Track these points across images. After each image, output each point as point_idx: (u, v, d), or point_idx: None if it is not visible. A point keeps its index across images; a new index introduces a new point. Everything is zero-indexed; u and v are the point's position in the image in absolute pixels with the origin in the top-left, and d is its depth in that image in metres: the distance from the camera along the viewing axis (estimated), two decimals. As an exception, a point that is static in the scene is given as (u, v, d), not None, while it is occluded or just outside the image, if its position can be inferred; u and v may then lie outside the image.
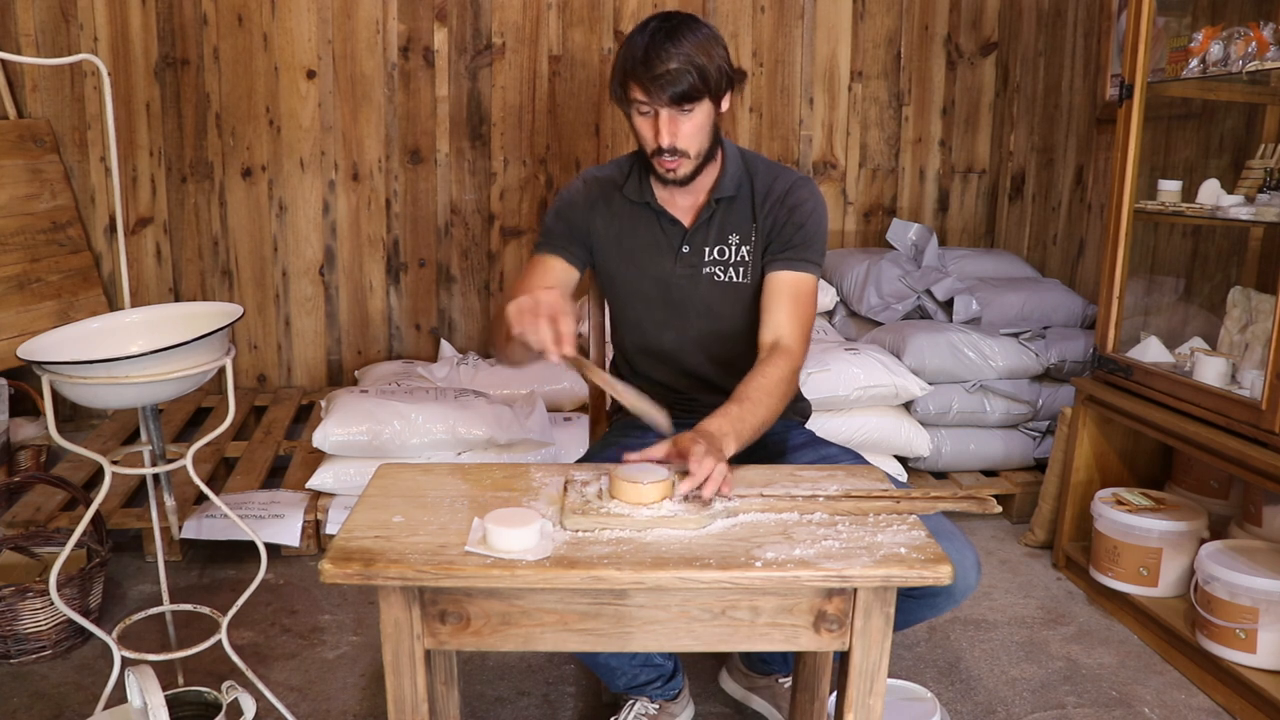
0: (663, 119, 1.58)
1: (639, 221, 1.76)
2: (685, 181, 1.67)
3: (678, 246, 1.74)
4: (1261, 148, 2.41)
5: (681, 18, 1.60)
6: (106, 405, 1.52)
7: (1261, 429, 2.00)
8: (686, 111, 1.58)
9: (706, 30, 1.60)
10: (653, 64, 1.54)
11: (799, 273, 1.69)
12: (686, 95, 1.56)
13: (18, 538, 2.33)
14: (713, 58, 1.58)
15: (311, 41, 3.52)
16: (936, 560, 1.17)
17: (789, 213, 1.70)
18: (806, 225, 1.70)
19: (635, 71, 1.57)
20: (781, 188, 1.72)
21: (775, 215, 1.71)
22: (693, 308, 1.76)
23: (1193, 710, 2.02)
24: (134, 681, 1.50)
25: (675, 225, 1.74)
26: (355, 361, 3.73)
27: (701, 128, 1.61)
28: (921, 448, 2.95)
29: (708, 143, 1.65)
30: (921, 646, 2.24)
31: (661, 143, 1.60)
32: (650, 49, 1.55)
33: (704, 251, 1.73)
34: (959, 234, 3.91)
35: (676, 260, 1.74)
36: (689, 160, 1.63)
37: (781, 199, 1.71)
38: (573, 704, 2.01)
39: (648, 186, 1.73)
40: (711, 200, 1.71)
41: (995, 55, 3.78)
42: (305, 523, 2.61)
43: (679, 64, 1.54)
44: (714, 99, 1.61)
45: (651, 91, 1.56)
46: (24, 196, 3.28)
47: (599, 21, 3.61)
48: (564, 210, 1.78)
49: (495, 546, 1.17)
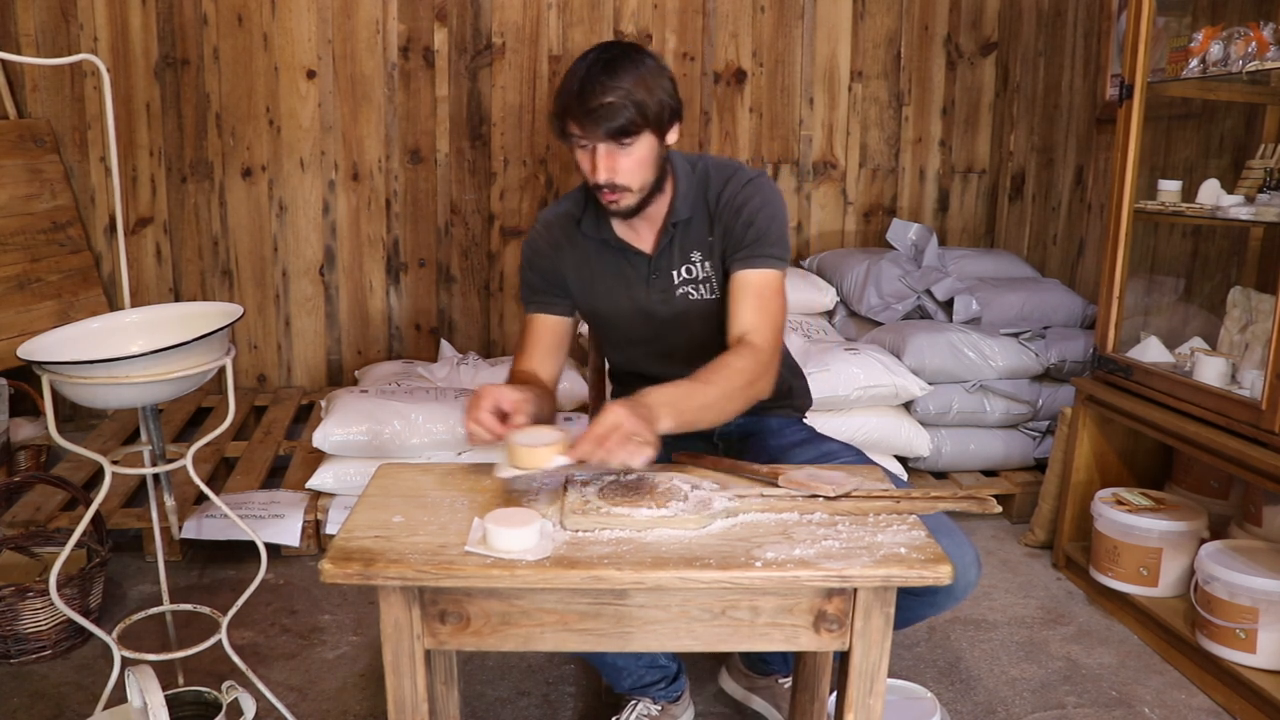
0: (600, 154, 1.54)
1: (604, 257, 1.73)
2: (630, 214, 1.63)
3: (646, 276, 1.71)
4: (1261, 148, 2.41)
5: (622, 49, 1.56)
6: (106, 405, 1.52)
7: (1261, 429, 2.00)
8: (625, 146, 1.54)
9: (649, 62, 1.55)
10: (587, 99, 1.50)
11: (758, 269, 1.63)
12: (624, 130, 1.52)
13: (18, 538, 2.33)
14: (653, 91, 1.53)
15: (311, 41, 3.52)
16: (936, 560, 1.17)
17: (736, 214, 1.66)
18: (757, 221, 1.64)
19: (570, 106, 1.53)
20: (731, 192, 1.67)
21: (726, 221, 1.67)
22: (676, 330, 1.73)
23: (1193, 710, 2.02)
24: (134, 681, 1.50)
25: (639, 256, 1.71)
26: (355, 361, 3.73)
27: (642, 162, 1.57)
28: (921, 448, 2.95)
29: (651, 175, 1.60)
30: (921, 646, 2.24)
31: (599, 179, 1.56)
32: (586, 83, 1.51)
33: (672, 276, 1.70)
34: (959, 234, 3.91)
35: (649, 289, 1.71)
36: (631, 194, 1.59)
37: (729, 203, 1.67)
38: (573, 704, 2.01)
39: (605, 223, 1.69)
40: (668, 225, 1.68)
41: (995, 55, 3.78)
42: (305, 523, 2.61)
43: (615, 98, 1.50)
44: (656, 132, 1.56)
45: (587, 126, 1.52)
46: (24, 196, 3.28)
47: (599, 21, 3.61)
48: (533, 261, 1.75)
49: (495, 546, 1.18)
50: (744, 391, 1.49)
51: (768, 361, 1.55)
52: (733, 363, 1.50)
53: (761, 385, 1.53)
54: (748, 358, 1.52)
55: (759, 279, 1.63)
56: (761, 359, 1.54)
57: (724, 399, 1.46)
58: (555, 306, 1.75)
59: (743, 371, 1.50)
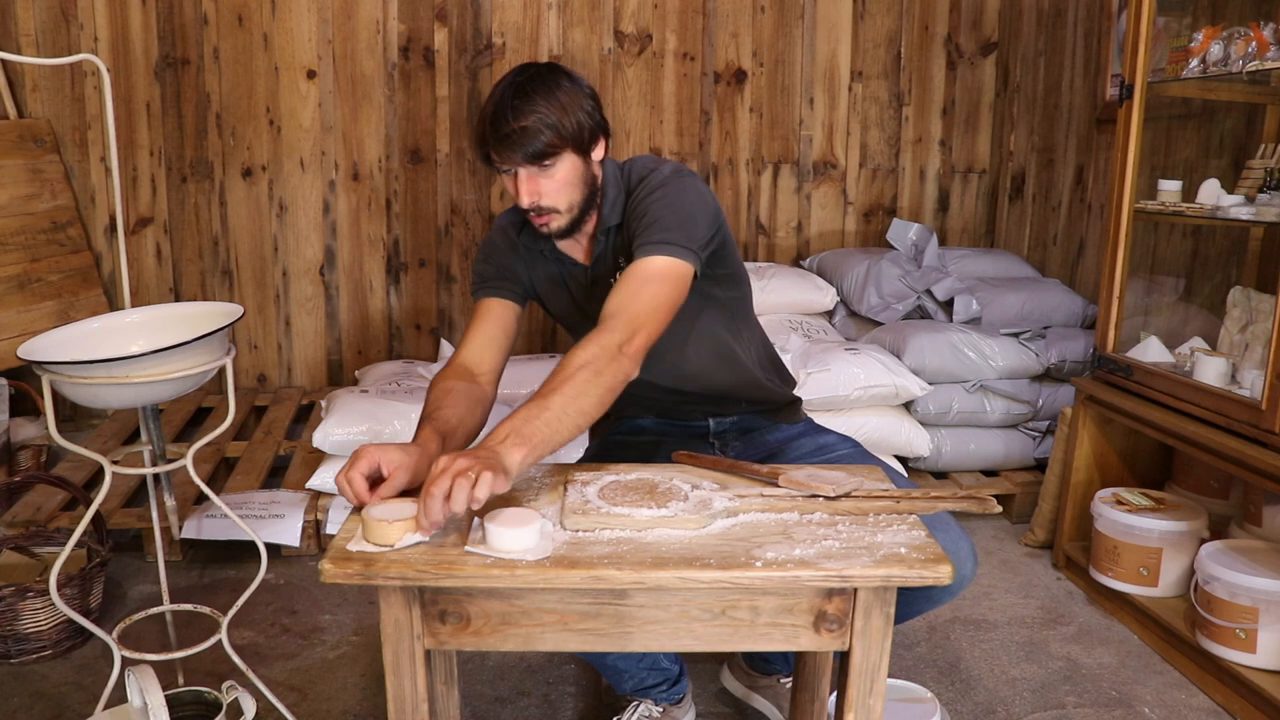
0: (522, 178, 1.54)
1: (549, 267, 1.72)
2: (563, 235, 1.62)
3: (588, 284, 1.70)
4: (1261, 148, 2.41)
5: (536, 70, 1.54)
6: (106, 405, 1.52)
7: (1261, 429, 2.00)
8: (546, 168, 1.52)
9: (565, 83, 1.54)
10: (500, 125, 1.49)
11: (642, 257, 1.52)
12: (541, 154, 1.50)
13: (18, 538, 2.33)
14: (569, 110, 1.51)
15: (311, 41, 3.52)
16: (937, 560, 1.17)
17: (634, 207, 1.62)
18: (650, 210, 1.57)
19: (486, 134, 1.52)
20: (641, 193, 1.62)
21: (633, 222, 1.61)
22: None
23: (1193, 710, 2.02)
24: (134, 681, 1.50)
25: (577, 267, 1.71)
26: (355, 361, 3.73)
27: (567, 182, 1.55)
28: (922, 448, 2.95)
29: (580, 195, 1.58)
30: (921, 646, 2.24)
31: (524, 203, 1.55)
32: (499, 109, 1.50)
33: (609, 282, 1.65)
34: (959, 234, 3.91)
35: (589, 297, 1.69)
36: (559, 214, 1.58)
37: (637, 203, 1.62)
38: (573, 704, 2.01)
39: (542, 235, 1.66)
40: (599, 234, 1.66)
41: (995, 55, 3.78)
42: (305, 523, 2.61)
43: (530, 122, 1.48)
44: (577, 151, 1.55)
45: (504, 152, 1.51)
46: (24, 196, 3.28)
47: (599, 21, 3.61)
48: (491, 255, 1.73)
49: (495, 546, 1.17)
50: (594, 382, 1.37)
51: (618, 341, 1.41)
52: (571, 362, 1.38)
53: (616, 367, 1.40)
54: (590, 348, 1.39)
55: (639, 266, 1.51)
56: (609, 340, 1.41)
57: (571, 402, 1.34)
58: (504, 291, 1.70)
59: (585, 365, 1.37)
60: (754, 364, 1.80)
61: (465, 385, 1.56)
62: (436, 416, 1.46)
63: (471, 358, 1.62)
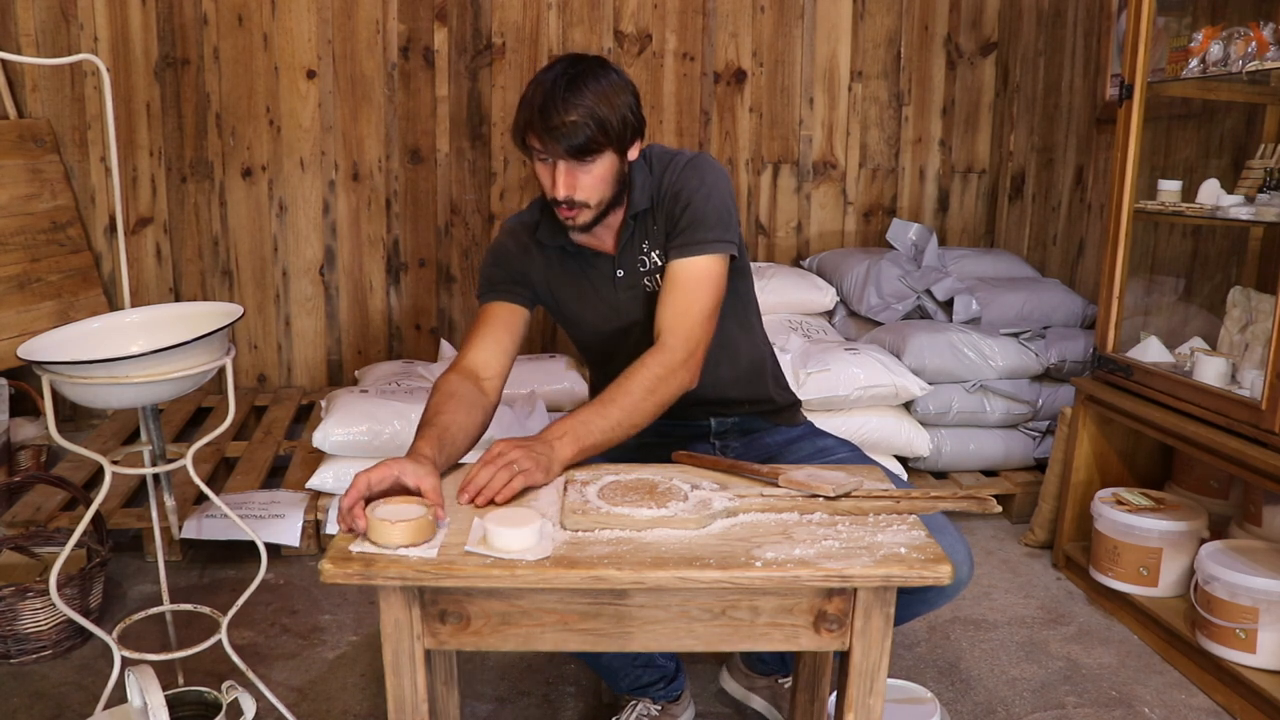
0: (560, 170, 1.53)
1: (568, 263, 1.71)
2: (585, 230, 1.62)
3: (612, 274, 1.69)
4: (1261, 148, 2.41)
5: (587, 64, 1.54)
6: (106, 405, 1.52)
7: (1261, 429, 2.00)
8: (586, 163, 1.53)
9: (614, 78, 1.54)
10: (549, 115, 1.49)
11: (686, 258, 1.60)
12: (585, 149, 1.51)
13: (18, 538, 2.33)
14: (615, 108, 1.52)
15: (311, 41, 3.52)
16: (936, 560, 1.17)
17: (674, 200, 1.63)
18: (693, 204, 1.61)
19: (533, 121, 1.52)
20: (670, 179, 1.65)
21: (668, 210, 1.64)
22: (640, 326, 1.70)
23: (1193, 710, 2.02)
24: (134, 681, 1.50)
25: (601, 256, 1.70)
26: (355, 361, 3.73)
27: (602, 179, 1.56)
28: (921, 448, 2.95)
29: (610, 192, 1.59)
30: (921, 646, 2.24)
31: (558, 194, 1.55)
32: (549, 99, 1.49)
33: (636, 269, 1.68)
34: (959, 234, 3.91)
35: (616, 287, 1.69)
36: (588, 210, 1.58)
37: (669, 190, 1.64)
38: (573, 704, 2.01)
39: (562, 230, 1.67)
40: (629, 219, 1.66)
41: (995, 55, 3.78)
42: (305, 523, 2.61)
43: (578, 116, 1.49)
44: (617, 150, 1.55)
45: (548, 142, 1.51)
46: (24, 196, 3.28)
47: (599, 22, 3.61)
48: (500, 259, 1.72)
49: (495, 546, 1.17)
50: (651, 397, 1.50)
51: (682, 359, 1.54)
52: (636, 373, 1.51)
53: (675, 381, 1.53)
54: (653, 364, 1.52)
55: (686, 270, 1.60)
56: (672, 359, 1.53)
57: (629, 414, 1.48)
58: (514, 296, 1.70)
59: (646, 380, 1.50)
60: (759, 360, 1.80)
61: (469, 390, 1.56)
62: (436, 422, 1.46)
63: (478, 360, 1.62)
